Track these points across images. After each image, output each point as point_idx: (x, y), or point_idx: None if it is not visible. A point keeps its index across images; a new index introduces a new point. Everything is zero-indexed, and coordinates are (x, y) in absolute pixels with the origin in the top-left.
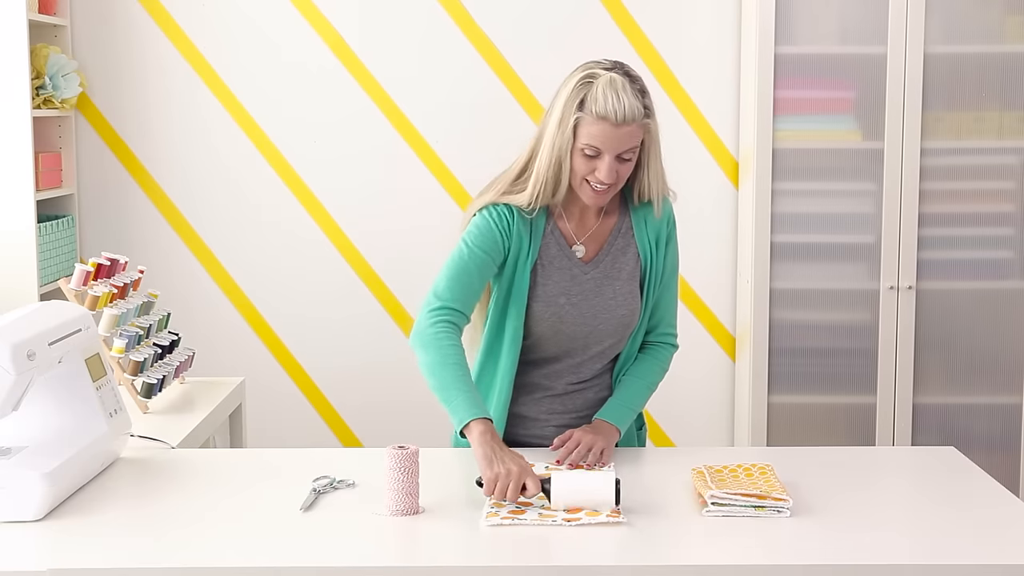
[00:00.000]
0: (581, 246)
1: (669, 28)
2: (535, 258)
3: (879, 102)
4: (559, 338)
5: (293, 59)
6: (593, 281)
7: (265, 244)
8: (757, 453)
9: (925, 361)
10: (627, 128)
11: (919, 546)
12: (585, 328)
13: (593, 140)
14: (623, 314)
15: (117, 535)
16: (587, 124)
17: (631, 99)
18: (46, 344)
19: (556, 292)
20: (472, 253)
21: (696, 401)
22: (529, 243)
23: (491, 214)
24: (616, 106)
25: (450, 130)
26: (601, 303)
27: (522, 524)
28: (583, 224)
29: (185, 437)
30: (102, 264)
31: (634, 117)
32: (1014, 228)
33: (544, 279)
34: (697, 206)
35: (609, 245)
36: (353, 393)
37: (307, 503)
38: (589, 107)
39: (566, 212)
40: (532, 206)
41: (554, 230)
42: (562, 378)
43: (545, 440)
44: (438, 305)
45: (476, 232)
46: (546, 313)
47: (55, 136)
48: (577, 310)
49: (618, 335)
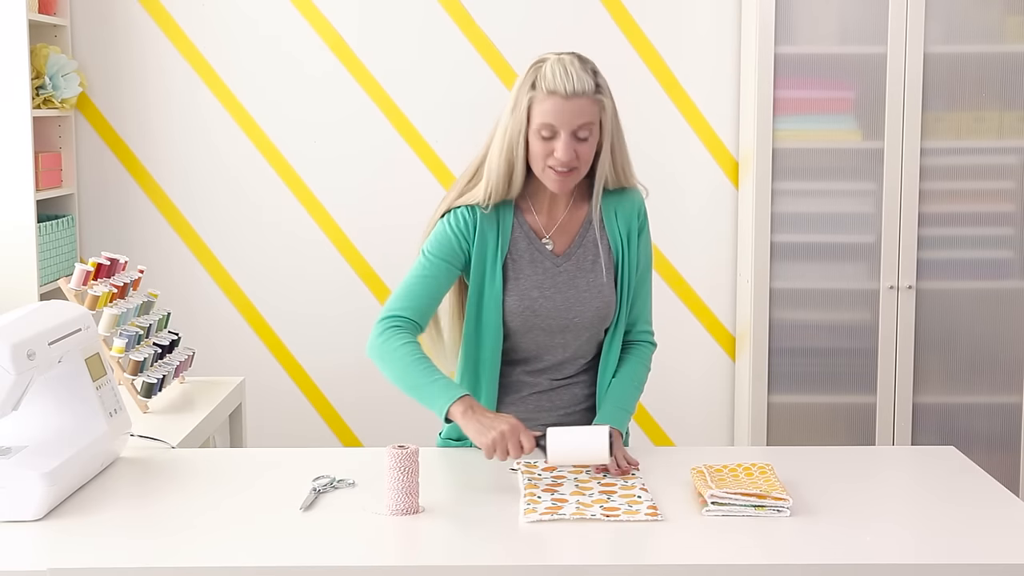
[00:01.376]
0: (550, 240)
1: (669, 28)
2: (505, 253)
3: (879, 102)
4: (535, 333)
5: (293, 59)
6: (566, 274)
7: (265, 244)
8: (757, 453)
9: (925, 361)
10: (578, 101)
11: (919, 546)
12: (561, 321)
13: (546, 117)
14: (598, 306)
15: (117, 535)
16: (539, 102)
17: (580, 73)
18: (46, 344)
19: (529, 286)
20: (429, 261)
21: (696, 401)
22: (497, 239)
23: (449, 219)
24: (564, 79)
25: (449, 130)
26: (575, 295)
27: (561, 520)
28: (552, 217)
29: (185, 437)
30: (102, 264)
31: (584, 90)
32: (1014, 228)
33: (516, 273)
34: (697, 206)
35: (580, 237)
36: (353, 393)
37: (307, 503)
38: (539, 85)
39: (534, 205)
40: (487, 200)
41: (522, 224)
42: (545, 374)
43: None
44: (385, 315)
45: (433, 239)
46: (519, 307)
47: (55, 136)
48: (551, 303)
49: (594, 327)
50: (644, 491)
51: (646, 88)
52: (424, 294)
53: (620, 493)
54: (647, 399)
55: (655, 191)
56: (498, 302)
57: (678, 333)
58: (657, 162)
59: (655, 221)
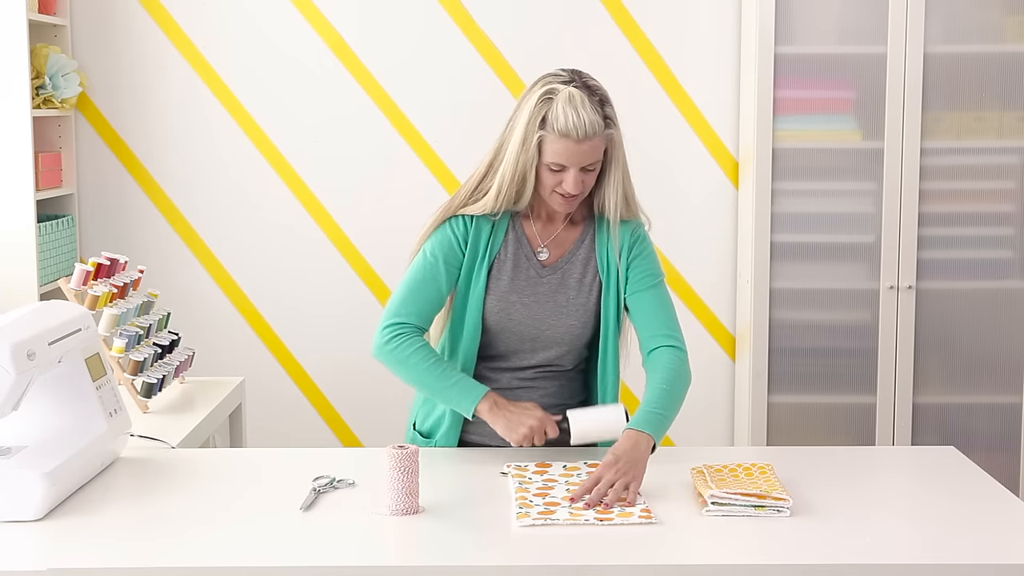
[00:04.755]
0: (545, 249)
1: (669, 28)
2: (493, 255)
3: (879, 102)
4: (506, 336)
5: (293, 59)
6: (548, 285)
7: (265, 244)
8: (757, 453)
9: (925, 361)
10: (589, 143)
11: (919, 546)
12: (532, 331)
13: (558, 157)
14: (572, 324)
15: (117, 535)
16: (550, 142)
17: (591, 115)
18: (46, 344)
19: (508, 290)
20: (431, 264)
21: (696, 401)
22: (488, 241)
23: (456, 225)
24: (576, 123)
25: (449, 129)
26: (552, 309)
27: (554, 524)
28: (548, 228)
29: (185, 437)
30: (102, 264)
31: (595, 132)
32: (1014, 228)
33: (499, 274)
34: (697, 206)
35: (571, 253)
36: (353, 393)
37: (307, 503)
38: (551, 125)
39: (532, 214)
40: (496, 211)
41: (518, 231)
42: (505, 373)
43: (488, 439)
44: (391, 321)
45: (436, 242)
46: (496, 307)
47: (55, 136)
48: (528, 311)
49: (567, 346)
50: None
51: (646, 88)
52: (427, 297)
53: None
54: None
55: (655, 191)
56: (479, 300)
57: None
58: (657, 162)
59: (655, 221)
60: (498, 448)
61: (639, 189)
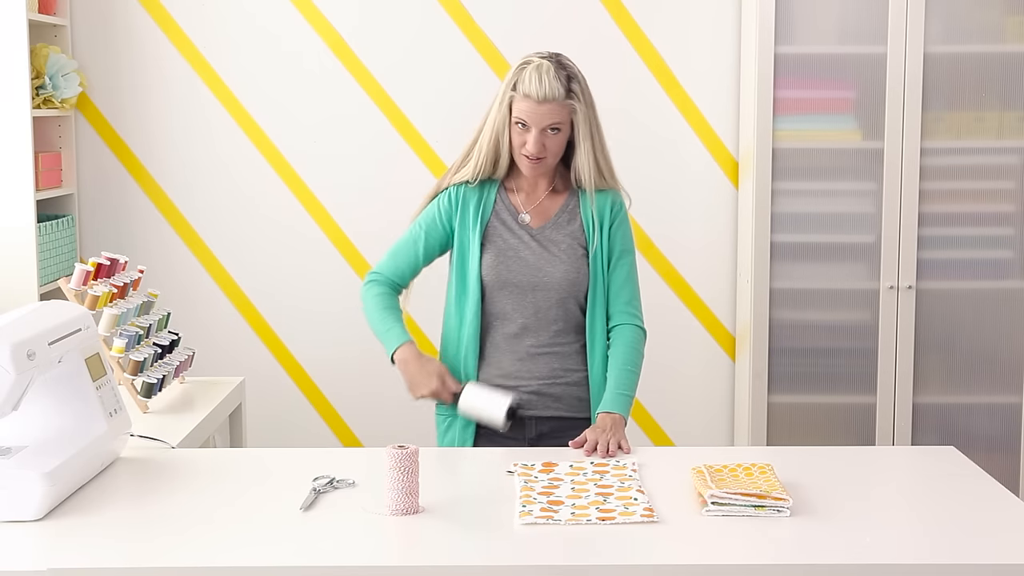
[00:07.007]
0: (527, 214)
1: (669, 28)
2: (486, 221)
3: (879, 102)
4: (508, 289)
5: (292, 58)
6: (538, 242)
7: (265, 243)
8: (757, 453)
9: (925, 361)
10: (548, 105)
11: (919, 546)
12: (531, 279)
13: (521, 114)
14: (567, 270)
15: (117, 535)
16: (517, 101)
17: (553, 82)
18: (46, 344)
19: (504, 247)
20: (412, 230)
21: (696, 400)
22: (479, 208)
23: (441, 199)
24: (537, 86)
25: (448, 128)
26: (547, 257)
27: (556, 524)
28: (531, 197)
29: (185, 437)
30: (102, 264)
31: (555, 96)
32: (1014, 228)
33: (493, 235)
34: (697, 206)
35: (556, 218)
36: (353, 393)
37: (307, 503)
38: (519, 87)
39: (517, 187)
40: (475, 178)
41: (504, 200)
42: (524, 340)
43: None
44: (370, 276)
45: (423, 216)
46: (494, 262)
47: (55, 136)
48: (523, 262)
49: (564, 291)
50: (641, 493)
51: (646, 88)
52: (406, 259)
53: (616, 495)
54: (647, 399)
55: (655, 191)
56: (476, 260)
57: (678, 333)
58: (657, 162)
59: (656, 221)
60: (507, 448)
61: (639, 189)
